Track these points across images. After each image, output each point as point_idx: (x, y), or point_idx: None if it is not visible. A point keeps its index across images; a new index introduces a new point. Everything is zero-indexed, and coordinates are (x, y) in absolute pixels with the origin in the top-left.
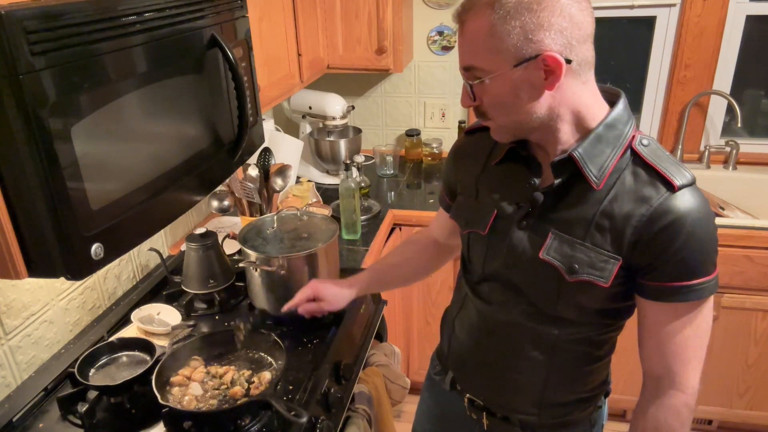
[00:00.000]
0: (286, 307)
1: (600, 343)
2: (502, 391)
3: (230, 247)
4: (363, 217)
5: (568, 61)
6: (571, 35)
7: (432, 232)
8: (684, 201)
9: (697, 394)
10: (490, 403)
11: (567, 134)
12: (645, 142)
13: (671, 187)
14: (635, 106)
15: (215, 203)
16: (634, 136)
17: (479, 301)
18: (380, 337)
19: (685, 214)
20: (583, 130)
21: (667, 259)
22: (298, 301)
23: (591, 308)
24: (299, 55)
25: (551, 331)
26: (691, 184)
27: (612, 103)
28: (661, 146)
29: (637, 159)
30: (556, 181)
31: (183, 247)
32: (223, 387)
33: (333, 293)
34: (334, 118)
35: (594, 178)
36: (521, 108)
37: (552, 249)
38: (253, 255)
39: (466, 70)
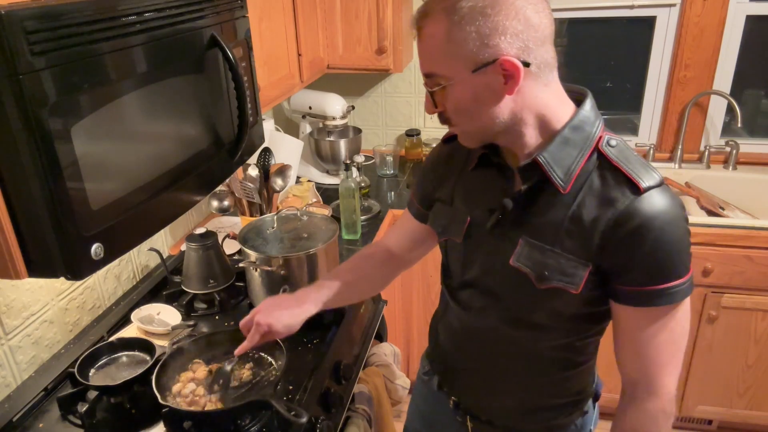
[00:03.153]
0: (239, 352)
1: (580, 348)
2: (485, 396)
3: (230, 247)
4: (363, 217)
5: (527, 65)
6: (528, 38)
7: (389, 243)
8: (651, 203)
9: (674, 400)
10: (473, 407)
11: (533, 138)
12: (613, 142)
13: (637, 189)
14: (635, 106)
15: (215, 203)
16: (600, 137)
17: (459, 308)
18: (380, 337)
19: (651, 218)
20: (548, 133)
21: (636, 264)
22: (253, 345)
23: (567, 313)
24: (299, 55)
25: (529, 337)
26: (659, 185)
27: (580, 102)
28: (629, 147)
29: (604, 161)
30: (523, 187)
31: (183, 247)
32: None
33: (286, 325)
34: (334, 118)
35: (560, 182)
36: (483, 113)
37: (522, 256)
38: (253, 255)
39: (427, 77)
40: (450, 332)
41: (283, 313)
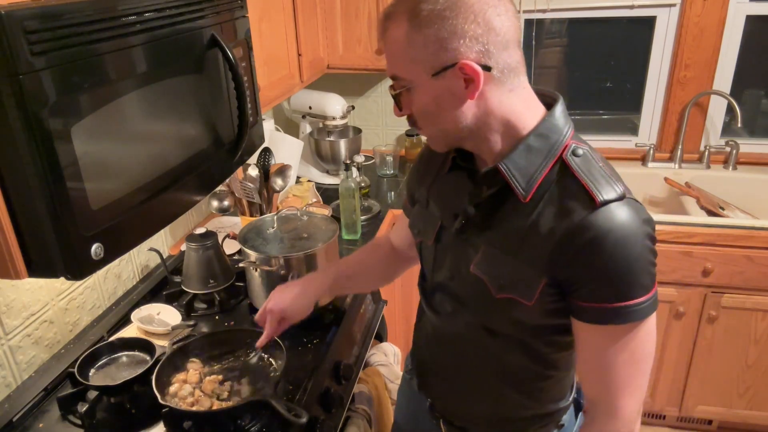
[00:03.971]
0: (260, 343)
1: (552, 361)
2: (457, 403)
3: (230, 247)
4: (363, 217)
5: (487, 69)
6: (488, 42)
7: (392, 239)
8: (606, 218)
9: (635, 422)
10: (447, 413)
11: (498, 144)
12: (579, 152)
13: (593, 203)
14: (635, 106)
15: (215, 203)
16: (567, 146)
17: (431, 312)
18: (380, 337)
19: (605, 233)
20: (513, 139)
21: (589, 279)
22: (272, 333)
23: (529, 324)
24: (299, 55)
25: (497, 345)
26: (619, 199)
27: (551, 107)
28: (597, 156)
29: (567, 171)
30: (485, 194)
31: (183, 247)
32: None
33: (299, 308)
34: (334, 118)
35: (521, 191)
36: (446, 117)
37: (482, 263)
38: (253, 255)
39: (392, 79)
40: (425, 337)
41: (294, 298)
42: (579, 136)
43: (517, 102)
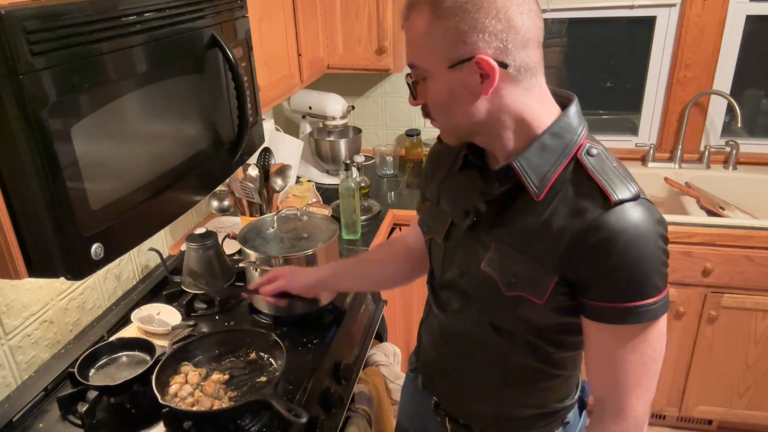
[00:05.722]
0: (251, 287)
1: (557, 361)
2: (461, 400)
3: (230, 247)
4: (363, 217)
5: (504, 66)
6: (508, 39)
7: (408, 239)
8: (619, 217)
9: (643, 424)
10: (452, 410)
11: (511, 141)
12: (593, 151)
13: (608, 202)
14: (635, 106)
15: (215, 203)
16: (581, 145)
17: (438, 310)
18: (380, 337)
19: (618, 232)
20: (527, 138)
21: (601, 278)
22: (263, 281)
23: (538, 323)
24: (299, 55)
25: (503, 344)
26: (633, 199)
27: (566, 107)
28: (611, 156)
29: (581, 170)
30: (498, 191)
31: (183, 247)
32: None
33: (293, 277)
34: (334, 118)
35: (534, 189)
36: (459, 110)
37: (493, 261)
38: (253, 255)
39: (410, 67)
40: (430, 334)
41: (297, 267)
42: (593, 137)
43: (532, 101)
